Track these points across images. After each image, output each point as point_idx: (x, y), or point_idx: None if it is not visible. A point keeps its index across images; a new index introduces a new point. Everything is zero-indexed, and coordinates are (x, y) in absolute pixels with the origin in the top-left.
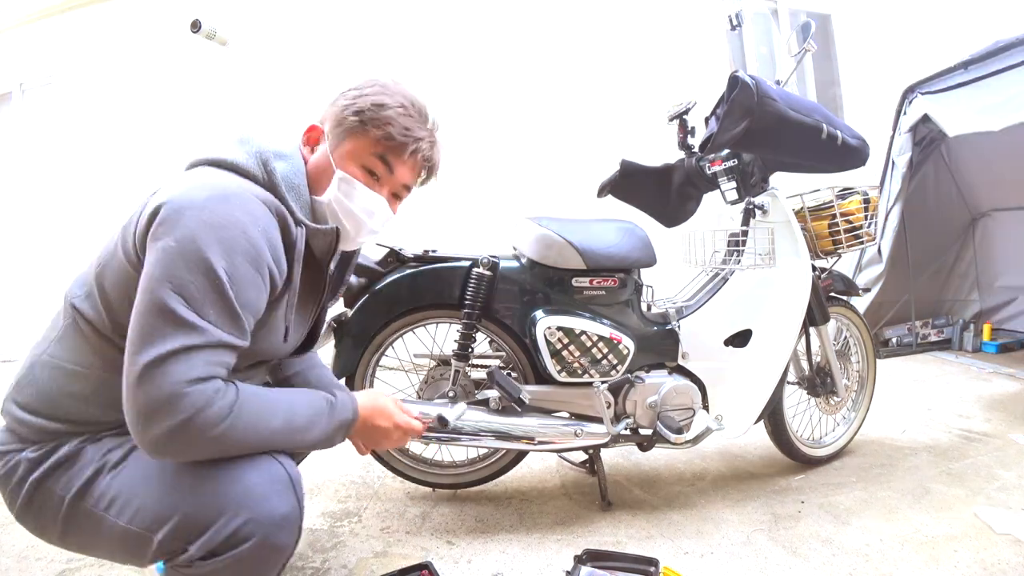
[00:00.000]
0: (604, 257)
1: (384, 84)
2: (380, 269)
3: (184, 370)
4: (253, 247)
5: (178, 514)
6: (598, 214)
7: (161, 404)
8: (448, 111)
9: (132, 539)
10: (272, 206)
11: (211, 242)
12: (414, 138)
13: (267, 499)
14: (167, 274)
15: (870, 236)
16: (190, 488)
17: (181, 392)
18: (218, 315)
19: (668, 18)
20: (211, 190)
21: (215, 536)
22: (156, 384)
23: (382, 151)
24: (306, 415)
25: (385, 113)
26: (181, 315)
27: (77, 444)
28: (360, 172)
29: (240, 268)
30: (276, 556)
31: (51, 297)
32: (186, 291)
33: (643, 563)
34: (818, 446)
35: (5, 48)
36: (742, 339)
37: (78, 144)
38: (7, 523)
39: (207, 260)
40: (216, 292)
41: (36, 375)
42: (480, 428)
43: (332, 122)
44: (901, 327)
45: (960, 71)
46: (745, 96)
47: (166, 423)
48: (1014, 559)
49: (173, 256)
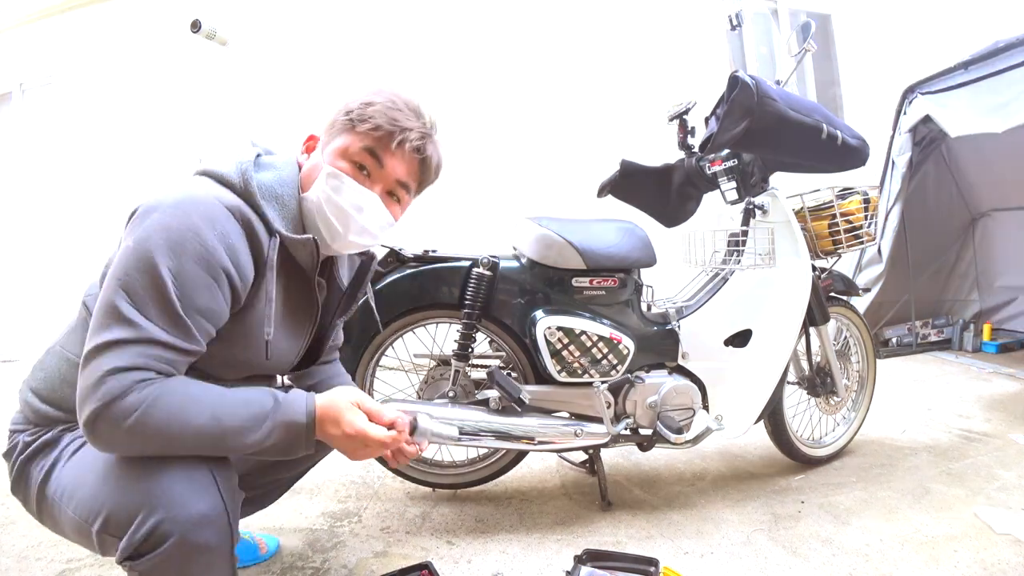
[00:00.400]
0: (604, 257)
1: (379, 88)
2: (380, 269)
3: (111, 360)
4: (205, 249)
5: (105, 508)
6: (598, 214)
7: (88, 390)
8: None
9: (80, 529)
10: (238, 212)
11: (160, 243)
12: (400, 127)
13: (184, 498)
14: (120, 272)
15: (870, 236)
16: (115, 482)
17: (103, 380)
18: (159, 314)
19: (668, 18)
20: (179, 195)
21: (135, 535)
22: (89, 371)
23: (370, 144)
24: (241, 414)
25: (373, 108)
26: (122, 311)
27: (58, 432)
28: (349, 167)
29: (188, 270)
30: (205, 557)
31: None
32: (131, 289)
33: (643, 563)
34: (818, 446)
35: (5, 48)
36: (742, 339)
37: (78, 144)
38: (7, 523)
39: (153, 261)
40: (157, 292)
41: (46, 362)
42: (480, 428)
43: (326, 126)
44: (901, 327)
45: (960, 71)
46: (745, 96)
47: (89, 408)
48: (1014, 559)
49: (128, 255)
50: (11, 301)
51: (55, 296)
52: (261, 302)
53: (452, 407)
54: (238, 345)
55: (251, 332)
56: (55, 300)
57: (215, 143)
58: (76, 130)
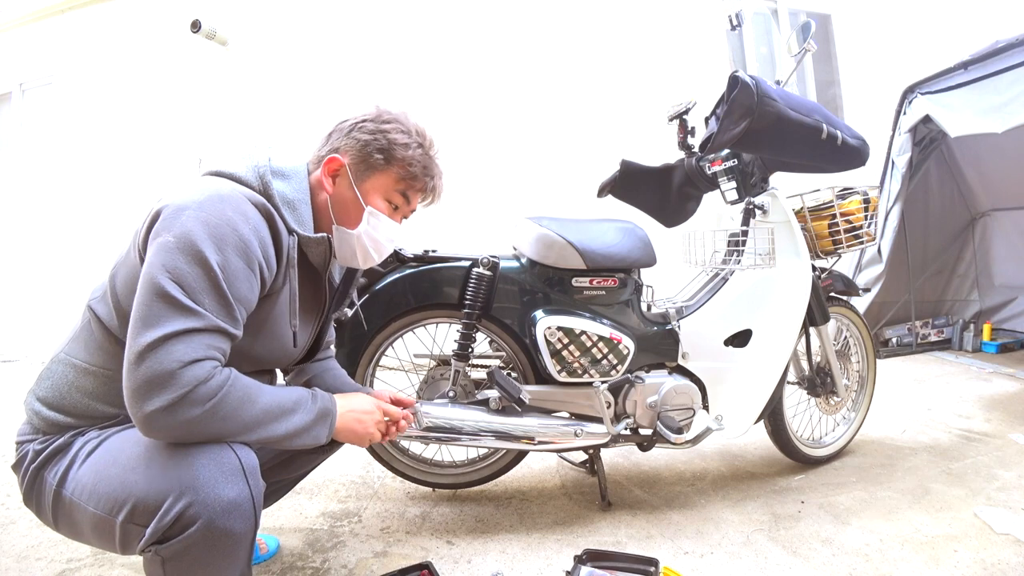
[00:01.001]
0: (604, 257)
1: (398, 119)
2: (380, 269)
3: (185, 349)
4: (243, 242)
5: (132, 497)
6: (598, 214)
7: (162, 379)
8: (449, 112)
9: (101, 525)
10: (262, 208)
11: (205, 237)
12: (432, 178)
13: (213, 483)
14: (166, 265)
15: (870, 236)
16: (143, 472)
17: (182, 369)
18: (213, 303)
19: (668, 18)
20: (207, 192)
21: (163, 519)
22: (159, 360)
23: (404, 188)
24: (291, 397)
25: (408, 153)
26: (181, 301)
27: (69, 437)
28: (384, 205)
29: (232, 261)
30: (228, 543)
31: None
32: (184, 281)
33: (643, 563)
34: (818, 446)
35: (5, 48)
36: (742, 339)
37: (78, 144)
38: (7, 523)
39: (202, 253)
40: (211, 282)
41: (52, 370)
42: (480, 428)
43: (355, 157)
44: (901, 327)
45: (960, 71)
46: (745, 96)
47: (166, 396)
48: (1014, 559)
49: (171, 250)
50: (11, 301)
51: (55, 296)
52: (283, 296)
53: (452, 407)
54: (261, 336)
55: (278, 324)
56: (55, 300)
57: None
58: (76, 130)
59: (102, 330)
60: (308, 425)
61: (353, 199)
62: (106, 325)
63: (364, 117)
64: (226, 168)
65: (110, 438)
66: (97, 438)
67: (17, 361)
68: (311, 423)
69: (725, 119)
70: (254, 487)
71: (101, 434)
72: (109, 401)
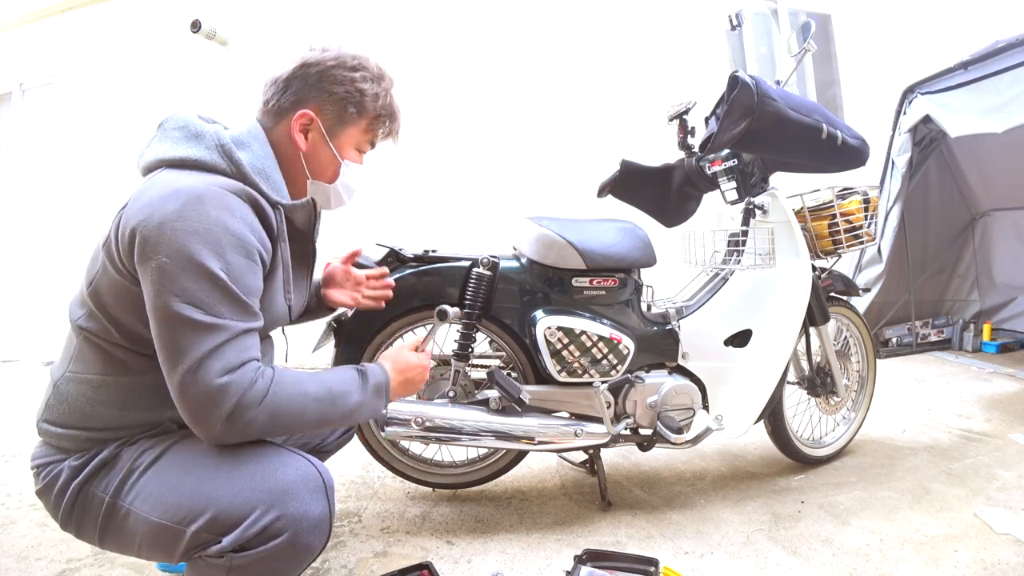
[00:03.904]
0: (604, 257)
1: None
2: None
3: (220, 364)
4: (237, 238)
5: (213, 507)
6: (598, 214)
7: (209, 399)
8: (449, 112)
9: (165, 534)
10: (243, 194)
11: (200, 247)
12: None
13: (300, 498)
14: (174, 290)
15: (870, 236)
16: (226, 482)
17: (226, 384)
18: (230, 310)
19: (668, 18)
20: (182, 197)
21: (248, 529)
22: (201, 382)
23: (373, 138)
24: (340, 380)
25: (379, 104)
26: (201, 321)
27: (114, 448)
28: (356, 155)
29: (233, 262)
30: (303, 556)
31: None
32: (196, 299)
33: (643, 563)
34: (818, 446)
35: (5, 48)
36: (742, 339)
37: (78, 144)
38: (7, 523)
39: (203, 265)
40: (221, 291)
41: (64, 393)
42: (480, 428)
43: (327, 111)
44: (901, 327)
45: (960, 71)
46: (745, 96)
47: (219, 412)
48: (1014, 559)
49: (171, 272)
50: (11, 301)
51: (56, 297)
52: (278, 271)
53: (452, 407)
54: (264, 313)
55: (275, 299)
56: (55, 301)
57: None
58: (76, 130)
59: (103, 342)
60: (365, 402)
61: (329, 155)
62: (105, 338)
63: (326, 62)
64: (182, 154)
65: (173, 447)
66: (155, 448)
67: (17, 361)
68: (368, 400)
69: (725, 119)
70: (333, 505)
71: (159, 443)
72: (140, 406)
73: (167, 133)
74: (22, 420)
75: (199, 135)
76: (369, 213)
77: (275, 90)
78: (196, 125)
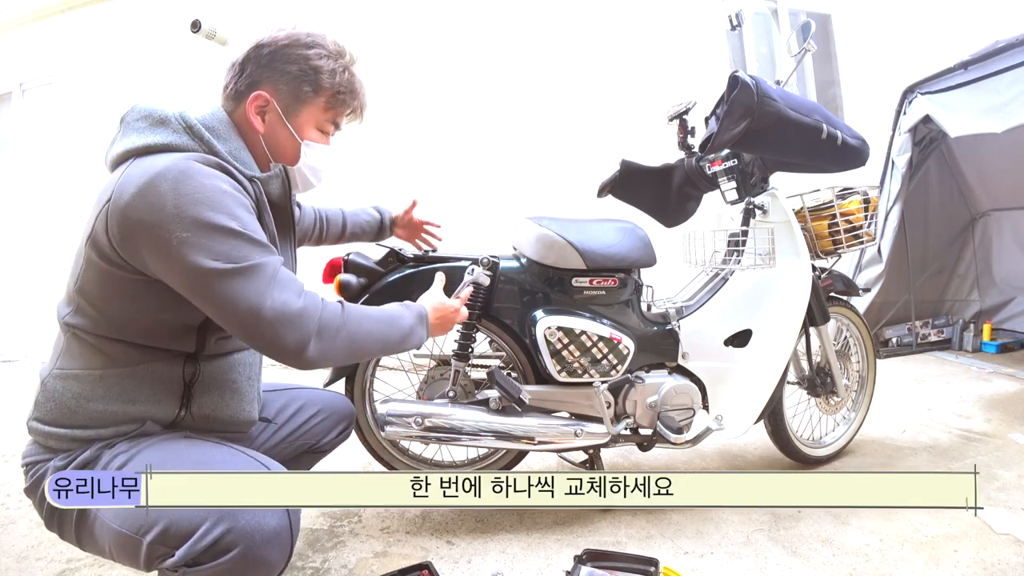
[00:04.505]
0: (604, 257)
1: (317, 40)
2: (380, 269)
3: (285, 293)
4: (235, 197)
5: (165, 518)
6: (598, 214)
7: (294, 322)
8: (449, 112)
9: (126, 542)
10: (218, 167)
11: (210, 213)
12: (361, 105)
13: (253, 512)
14: (207, 255)
15: (870, 236)
16: None
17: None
18: (260, 253)
19: (668, 18)
20: (169, 178)
21: (197, 543)
22: (277, 312)
23: (334, 117)
24: (390, 309)
25: (336, 80)
26: (243, 267)
27: (95, 451)
28: (318, 135)
29: (241, 215)
30: (262, 572)
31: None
32: (228, 255)
33: (643, 563)
34: (818, 446)
35: (5, 48)
36: (742, 339)
37: (78, 144)
38: (7, 523)
39: (220, 225)
40: (245, 240)
41: (51, 389)
42: (480, 428)
43: (281, 91)
44: (901, 327)
45: (960, 71)
46: (745, 96)
47: (308, 331)
48: (1014, 559)
49: (194, 243)
50: (11, 301)
51: (55, 297)
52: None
53: (452, 407)
54: None
55: None
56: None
57: None
58: (76, 130)
59: (89, 336)
60: (415, 328)
61: (288, 136)
62: (91, 331)
63: (279, 41)
64: (149, 142)
65: (144, 451)
66: (127, 452)
67: (17, 361)
68: (416, 326)
69: (725, 119)
70: (294, 517)
71: (132, 447)
72: (124, 399)
73: (131, 126)
74: (22, 420)
75: (163, 120)
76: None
77: (232, 74)
78: (159, 111)
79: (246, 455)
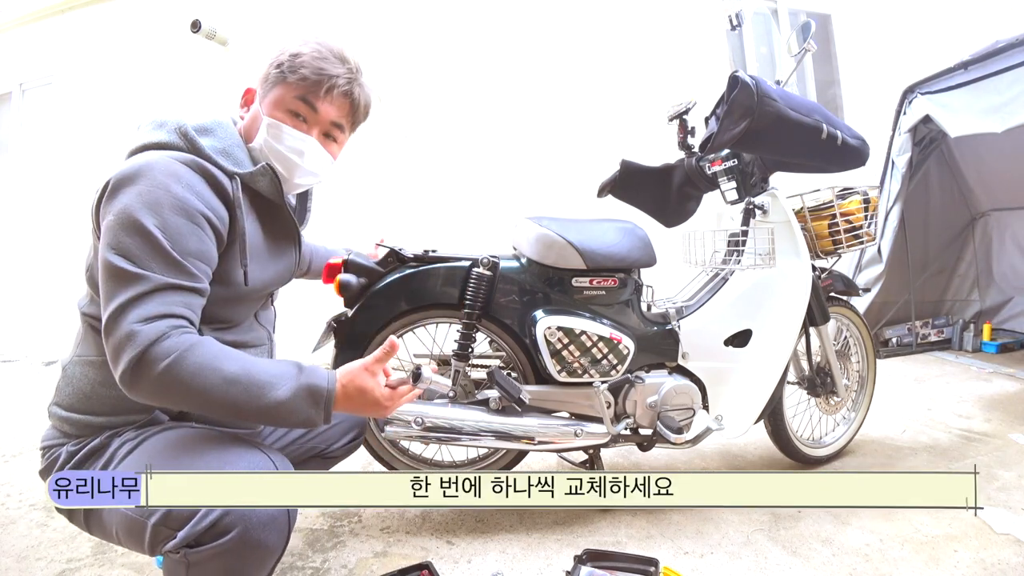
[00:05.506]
0: (604, 257)
1: (305, 39)
2: (380, 269)
3: (138, 312)
4: (178, 200)
5: None
6: (598, 214)
7: (122, 342)
8: (449, 112)
9: (133, 525)
10: (194, 164)
11: (140, 206)
12: (328, 75)
13: None
14: (111, 243)
15: (870, 236)
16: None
17: (135, 331)
18: (160, 265)
19: (668, 18)
20: (138, 167)
21: (197, 524)
22: (118, 327)
23: (302, 93)
24: (269, 371)
25: (300, 60)
26: (128, 270)
27: (105, 437)
28: (286, 116)
29: (171, 222)
30: (261, 554)
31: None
32: (128, 252)
33: (643, 563)
34: (818, 446)
35: (5, 48)
36: (742, 339)
37: (78, 144)
38: (7, 523)
39: (139, 222)
40: (151, 246)
41: (70, 375)
42: (480, 428)
43: (260, 81)
44: (901, 327)
45: (960, 71)
46: (745, 96)
47: (127, 356)
48: (1014, 559)
49: (113, 228)
50: (11, 301)
51: (55, 296)
52: (236, 239)
53: (452, 407)
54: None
55: (229, 267)
56: (55, 300)
57: None
58: (76, 130)
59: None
60: (291, 405)
61: (255, 115)
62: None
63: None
64: (146, 140)
65: (151, 438)
66: (135, 439)
67: (17, 361)
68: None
69: (725, 119)
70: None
71: (139, 435)
72: None
73: (140, 130)
74: (22, 420)
75: (163, 124)
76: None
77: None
78: (162, 118)
79: (249, 448)
